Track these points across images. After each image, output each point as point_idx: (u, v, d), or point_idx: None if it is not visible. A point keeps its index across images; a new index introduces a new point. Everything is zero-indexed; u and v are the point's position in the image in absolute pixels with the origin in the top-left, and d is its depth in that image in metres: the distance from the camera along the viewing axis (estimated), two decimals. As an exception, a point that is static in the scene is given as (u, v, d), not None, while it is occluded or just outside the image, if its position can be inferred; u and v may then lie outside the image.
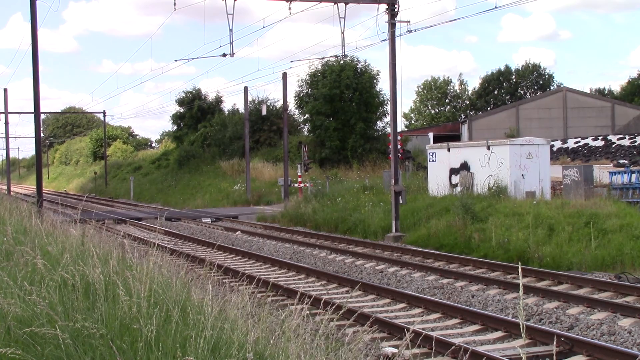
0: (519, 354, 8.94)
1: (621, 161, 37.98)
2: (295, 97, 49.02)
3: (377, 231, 22.79)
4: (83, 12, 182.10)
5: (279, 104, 50.96)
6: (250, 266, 17.57)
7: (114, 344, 4.46)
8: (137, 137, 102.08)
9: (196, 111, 62.37)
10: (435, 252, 18.64)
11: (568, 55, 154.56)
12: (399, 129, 24.18)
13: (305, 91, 48.33)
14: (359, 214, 24.76)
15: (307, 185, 34.66)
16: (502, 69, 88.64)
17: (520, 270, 4.02)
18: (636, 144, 47.04)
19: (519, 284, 13.00)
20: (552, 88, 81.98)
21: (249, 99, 44.78)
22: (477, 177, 24.19)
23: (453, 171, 25.52)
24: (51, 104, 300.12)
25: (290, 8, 22.15)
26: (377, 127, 48.52)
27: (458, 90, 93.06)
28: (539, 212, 18.47)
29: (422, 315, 11.63)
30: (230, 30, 22.60)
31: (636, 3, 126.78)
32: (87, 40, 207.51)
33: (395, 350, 8.81)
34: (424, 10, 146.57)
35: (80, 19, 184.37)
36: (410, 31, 21.89)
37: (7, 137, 56.65)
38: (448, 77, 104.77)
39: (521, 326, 3.43)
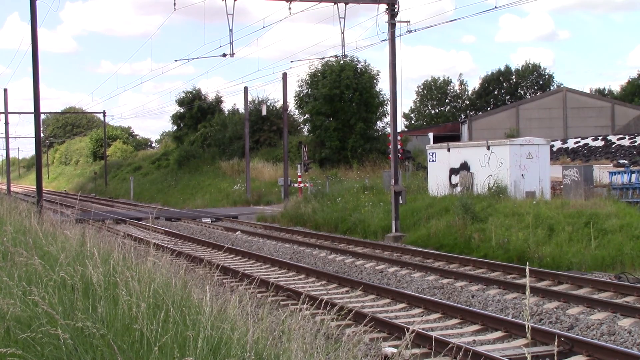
0: (520, 354, 8.94)
1: (621, 161, 37.99)
2: (295, 97, 49.06)
3: (377, 231, 22.78)
4: (80, 12, 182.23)
5: (279, 104, 50.98)
6: (250, 266, 17.56)
7: (115, 344, 4.46)
8: (137, 137, 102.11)
9: (196, 111, 62.38)
10: (435, 252, 18.63)
11: (566, 56, 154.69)
12: (399, 129, 24.18)
13: (305, 91, 48.32)
14: (358, 214, 24.76)
15: (307, 185, 34.65)
16: (502, 69, 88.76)
17: (527, 270, 4.01)
18: (636, 144, 47.05)
19: (518, 284, 13.01)
20: (552, 88, 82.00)
21: (249, 99, 44.79)
22: (477, 177, 24.19)
23: (453, 171, 25.52)
24: (50, 104, 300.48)
25: (290, 8, 22.14)
26: (377, 127, 48.54)
27: (458, 90, 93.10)
28: (539, 212, 18.47)
29: (422, 315, 11.62)
30: (230, 30, 22.60)
31: (634, 3, 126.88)
32: (86, 40, 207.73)
33: (394, 350, 8.81)
34: (423, 11, 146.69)
35: (78, 19, 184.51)
36: (410, 31, 21.88)
37: (7, 137, 56.67)
38: (448, 77, 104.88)
39: (527, 327, 3.43)
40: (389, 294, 12.94)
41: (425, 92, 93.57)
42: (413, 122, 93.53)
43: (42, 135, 47.67)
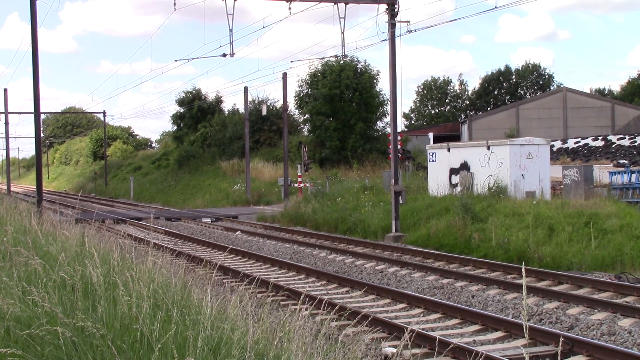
0: (520, 354, 8.94)
1: (621, 161, 37.98)
2: (295, 97, 49.09)
3: (377, 231, 22.78)
4: (80, 12, 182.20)
5: (279, 104, 50.98)
6: (250, 266, 17.56)
7: (114, 344, 4.46)
8: (137, 137, 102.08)
9: (196, 111, 62.38)
10: (435, 252, 18.63)
11: (566, 56, 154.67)
12: (399, 129, 24.17)
13: (305, 91, 48.34)
14: (358, 214, 24.75)
15: (307, 185, 34.65)
16: (502, 69, 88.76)
17: (523, 270, 4.01)
18: (636, 144, 47.04)
19: (519, 284, 12.99)
20: (552, 88, 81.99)
21: (249, 99, 44.79)
22: (477, 177, 24.18)
23: (453, 171, 25.52)
24: (50, 104, 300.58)
25: (290, 8, 22.14)
26: (377, 127, 48.57)
27: (458, 90, 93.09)
28: (539, 212, 18.47)
29: (422, 316, 11.62)
30: (230, 30, 22.59)
31: (634, 3, 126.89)
32: (85, 40, 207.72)
33: (394, 350, 8.80)
34: (423, 10, 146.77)
35: (77, 19, 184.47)
36: (410, 31, 21.88)
37: (7, 137, 56.67)
38: (448, 77, 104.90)
39: (524, 326, 3.43)
40: (389, 294, 12.93)
41: (425, 92, 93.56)
42: (413, 122, 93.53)
43: (42, 135, 47.66)
